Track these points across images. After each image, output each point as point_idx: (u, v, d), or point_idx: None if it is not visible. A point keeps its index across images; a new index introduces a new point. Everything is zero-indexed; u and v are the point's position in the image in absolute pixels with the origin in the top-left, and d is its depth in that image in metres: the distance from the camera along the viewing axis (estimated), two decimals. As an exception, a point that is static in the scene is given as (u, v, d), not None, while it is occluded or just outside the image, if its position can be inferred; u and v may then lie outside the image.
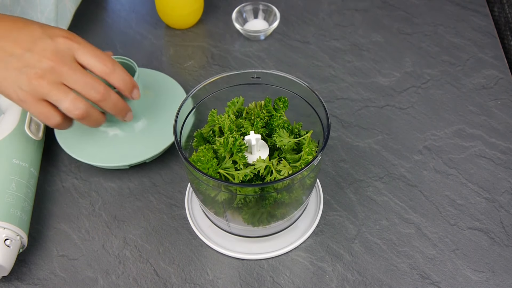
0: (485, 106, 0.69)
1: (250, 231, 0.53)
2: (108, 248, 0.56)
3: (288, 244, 0.55)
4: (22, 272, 0.55)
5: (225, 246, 0.55)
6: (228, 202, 0.48)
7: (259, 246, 0.55)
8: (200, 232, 0.57)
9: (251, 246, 0.55)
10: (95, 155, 0.60)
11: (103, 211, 0.59)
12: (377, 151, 0.64)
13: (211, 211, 0.52)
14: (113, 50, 0.79)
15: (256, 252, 0.55)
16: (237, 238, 0.55)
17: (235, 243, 0.56)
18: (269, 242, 0.55)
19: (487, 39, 0.77)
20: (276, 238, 0.55)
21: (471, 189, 0.60)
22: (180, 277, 0.54)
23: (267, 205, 0.49)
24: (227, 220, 0.52)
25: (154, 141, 0.61)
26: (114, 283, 0.54)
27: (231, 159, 0.48)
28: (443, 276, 0.53)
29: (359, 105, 0.70)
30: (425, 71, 0.74)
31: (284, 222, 0.53)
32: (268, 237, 0.54)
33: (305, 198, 0.53)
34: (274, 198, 0.48)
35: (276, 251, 0.55)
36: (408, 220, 0.58)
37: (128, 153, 0.60)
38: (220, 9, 0.84)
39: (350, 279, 0.53)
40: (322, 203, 0.59)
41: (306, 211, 0.58)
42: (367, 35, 0.79)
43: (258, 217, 0.50)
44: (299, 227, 0.57)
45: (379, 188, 0.60)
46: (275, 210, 0.50)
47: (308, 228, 0.57)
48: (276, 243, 0.55)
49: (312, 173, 0.48)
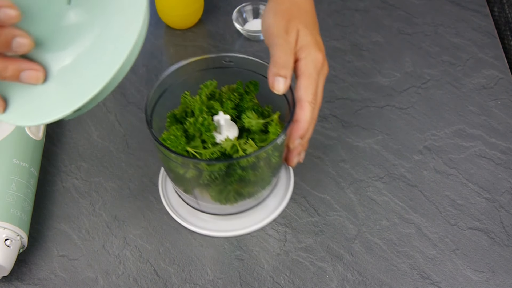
0: (485, 106, 0.69)
1: (219, 209, 0.55)
2: (108, 248, 0.56)
3: (256, 222, 0.57)
4: (22, 272, 0.55)
5: (196, 223, 0.57)
6: (196, 179, 0.50)
7: (228, 223, 0.57)
8: (172, 210, 0.59)
9: (221, 224, 0.57)
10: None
11: (103, 211, 0.59)
12: (377, 151, 0.64)
13: (180, 189, 0.55)
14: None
15: (225, 230, 0.57)
16: (207, 216, 0.57)
17: (205, 221, 0.58)
18: (238, 220, 0.57)
19: (487, 39, 0.77)
20: (245, 216, 0.57)
21: (471, 189, 0.60)
22: (180, 277, 0.54)
23: (233, 182, 0.51)
24: (196, 198, 0.54)
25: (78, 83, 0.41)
26: (114, 283, 0.54)
27: (200, 138, 0.50)
28: (443, 276, 0.53)
29: (359, 105, 0.70)
30: (425, 71, 0.74)
31: (252, 201, 0.55)
32: (237, 215, 0.56)
33: (272, 178, 0.55)
34: (239, 175, 0.49)
35: (244, 228, 0.57)
36: (408, 220, 0.58)
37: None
38: (220, 9, 0.84)
39: (350, 279, 0.53)
40: (292, 184, 0.60)
41: (275, 191, 0.60)
42: (367, 35, 0.79)
43: (225, 194, 0.52)
44: (268, 206, 0.58)
45: (379, 188, 0.60)
46: (241, 188, 0.52)
47: (277, 207, 0.58)
48: (245, 221, 0.57)
49: (276, 151, 0.50)
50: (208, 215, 0.57)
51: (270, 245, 0.56)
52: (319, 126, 0.67)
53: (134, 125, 0.68)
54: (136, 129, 0.68)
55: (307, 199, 0.60)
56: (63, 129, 0.68)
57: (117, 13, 0.39)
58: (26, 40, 0.39)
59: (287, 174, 0.62)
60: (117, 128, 0.68)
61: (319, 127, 0.67)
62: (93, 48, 0.40)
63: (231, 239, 0.57)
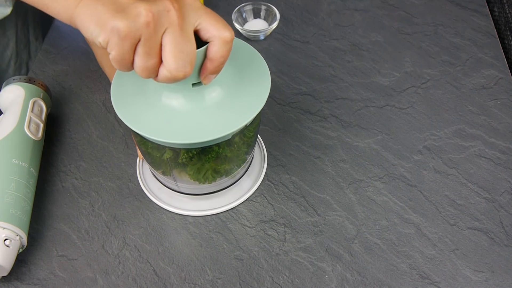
0: (485, 106, 0.69)
1: (197, 189, 0.57)
2: (108, 248, 0.56)
3: (233, 200, 0.59)
4: (22, 272, 0.55)
5: (175, 205, 0.59)
6: (173, 160, 0.51)
7: (207, 203, 0.59)
8: (151, 194, 0.60)
9: (199, 204, 0.59)
10: (156, 128, 0.47)
11: (102, 211, 0.59)
12: (377, 151, 0.64)
13: (159, 171, 0.55)
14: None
15: (204, 209, 0.59)
16: (186, 196, 0.59)
17: (184, 202, 0.59)
18: (216, 199, 0.59)
19: (487, 39, 0.77)
20: (222, 195, 0.59)
21: (471, 189, 0.60)
22: (180, 277, 0.54)
23: (210, 159, 0.51)
24: (175, 180, 0.55)
25: (226, 118, 0.48)
26: (113, 283, 0.54)
27: None
28: (443, 276, 0.53)
29: (359, 105, 0.70)
30: (425, 71, 0.74)
31: (229, 179, 0.57)
32: (214, 194, 0.58)
33: (247, 155, 0.56)
34: (216, 152, 0.50)
35: (222, 207, 0.59)
36: (408, 220, 0.58)
37: (194, 129, 0.47)
38: (220, 9, 0.84)
39: (349, 279, 0.53)
40: (266, 162, 0.63)
41: (250, 170, 0.61)
42: (367, 35, 0.79)
43: (203, 173, 0.53)
44: (243, 185, 0.61)
45: (379, 188, 0.60)
46: (218, 165, 0.53)
47: (252, 186, 0.61)
48: (222, 200, 0.59)
49: (251, 126, 0.51)
50: (187, 196, 0.59)
51: (270, 245, 0.56)
52: (319, 126, 0.67)
53: (134, 125, 0.68)
54: (136, 129, 0.68)
55: (307, 199, 0.60)
56: (62, 129, 0.68)
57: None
58: (167, 74, 0.42)
59: (261, 153, 0.64)
60: (117, 128, 0.68)
61: (319, 127, 0.67)
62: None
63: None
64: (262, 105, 0.48)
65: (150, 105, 0.48)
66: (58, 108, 0.70)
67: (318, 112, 0.69)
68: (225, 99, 0.48)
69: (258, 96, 0.48)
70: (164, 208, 0.59)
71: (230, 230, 0.58)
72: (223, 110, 0.47)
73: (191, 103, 0.47)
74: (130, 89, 0.49)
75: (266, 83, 0.49)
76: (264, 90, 0.49)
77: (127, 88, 0.49)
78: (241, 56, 0.51)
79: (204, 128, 0.46)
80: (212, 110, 0.47)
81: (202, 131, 0.46)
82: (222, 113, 0.47)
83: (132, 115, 0.47)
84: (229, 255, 0.56)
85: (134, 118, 0.47)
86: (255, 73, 0.50)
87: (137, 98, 0.48)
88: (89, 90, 0.73)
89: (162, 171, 0.55)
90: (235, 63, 0.50)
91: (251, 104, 0.48)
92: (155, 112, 0.47)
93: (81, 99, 0.72)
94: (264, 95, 0.48)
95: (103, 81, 0.74)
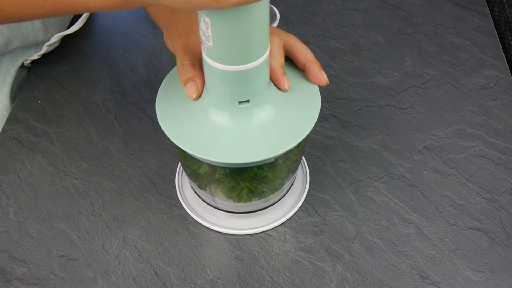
0: (485, 106, 0.69)
1: (235, 207, 0.55)
2: (108, 248, 0.56)
3: (273, 221, 0.58)
4: (22, 272, 0.55)
5: (210, 220, 0.58)
6: (210, 175, 0.50)
7: (244, 222, 0.58)
8: (188, 207, 0.59)
9: (236, 222, 0.58)
10: (197, 144, 0.46)
11: (102, 211, 0.59)
12: (377, 151, 0.64)
13: (195, 184, 0.55)
14: (113, 50, 0.79)
15: (241, 228, 0.57)
16: (223, 213, 0.58)
17: (220, 219, 0.58)
18: (253, 218, 0.58)
19: (487, 39, 0.77)
20: (261, 215, 0.58)
21: (471, 189, 0.60)
22: (180, 277, 0.54)
23: (246, 179, 0.50)
24: (212, 195, 0.54)
25: (273, 139, 0.46)
26: (113, 283, 0.54)
27: None
28: (443, 276, 0.53)
29: (359, 105, 0.70)
30: (425, 71, 0.74)
31: (266, 202, 0.55)
32: (252, 213, 0.57)
33: (287, 179, 0.54)
34: (254, 172, 0.49)
35: (260, 227, 0.57)
36: (408, 220, 0.58)
37: (235, 149, 0.46)
38: (220, 9, 0.84)
39: (350, 279, 0.53)
40: (308, 184, 0.61)
41: (291, 190, 0.60)
42: (367, 35, 0.79)
43: (237, 192, 0.52)
44: (285, 205, 0.59)
45: (379, 188, 0.60)
46: (255, 185, 0.52)
47: (292, 207, 0.59)
48: (260, 220, 0.58)
49: (296, 149, 0.49)
50: (223, 212, 0.57)
51: (270, 245, 0.56)
52: (319, 126, 0.67)
53: (134, 125, 0.68)
54: (136, 129, 0.68)
55: (307, 199, 0.60)
56: (62, 129, 0.68)
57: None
58: (194, 91, 0.45)
59: (303, 174, 0.62)
60: (117, 128, 0.68)
61: (318, 127, 0.67)
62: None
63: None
64: (310, 129, 0.46)
65: (194, 121, 0.46)
66: (58, 108, 0.71)
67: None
68: (271, 121, 0.46)
69: (306, 119, 0.46)
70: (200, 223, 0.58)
71: (230, 230, 0.58)
72: (268, 132, 0.45)
73: (236, 122, 0.45)
74: (176, 103, 0.48)
75: (316, 107, 0.47)
76: (312, 114, 0.47)
77: (173, 101, 0.48)
78: (292, 78, 0.50)
79: (246, 148, 0.45)
80: (256, 131, 0.46)
81: (243, 152, 0.44)
82: (266, 135, 0.45)
83: (174, 128, 0.46)
84: (229, 255, 0.56)
85: (176, 131, 0.46)
86: (305, 95, 0.49)
87: (182, 112, 0.47)
88: (89, 90, 0.73)
89: (198, 184, 0.54)
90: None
91: (300, 126, 0.46)
92: (198, 128, 0.46)
93: (81, 99, 0.72)
94: (313, 119, 0.46)
95: (103, 81, 0.74)
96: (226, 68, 0.41)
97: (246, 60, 0.41)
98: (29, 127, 0.68)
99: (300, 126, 0.46)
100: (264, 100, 0.46)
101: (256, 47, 0.41)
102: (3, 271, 0.55)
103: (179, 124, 0.46)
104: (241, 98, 0.44)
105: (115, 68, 0.76)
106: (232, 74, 0.42)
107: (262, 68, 0.43)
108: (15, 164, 0.64)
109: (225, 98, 0.44)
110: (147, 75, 0.75)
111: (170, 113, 0.47)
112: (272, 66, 0.46)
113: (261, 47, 0.41)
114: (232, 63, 0.41)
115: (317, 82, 0.49)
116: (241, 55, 0.40)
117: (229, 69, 0.41)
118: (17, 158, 0.65)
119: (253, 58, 0.41)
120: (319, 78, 0.48)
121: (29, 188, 0.62)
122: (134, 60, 0.77)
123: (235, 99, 0.44)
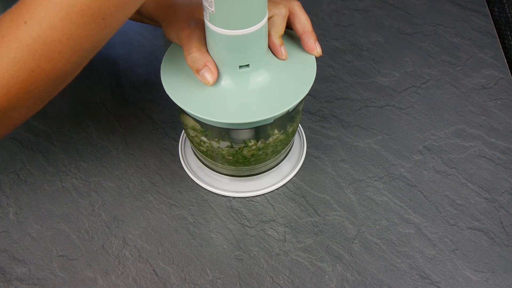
0: (485, 106, 0.69)
1: (237, 171, 0.58)
2: (108, 248, 0.56)
3: (272, 184, 0.61)
4: (22, 272, 0.55)
5: (214, 185, 0.61)
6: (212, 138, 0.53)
7: (244, 185, 0.61)
8: (191, 172, 0.62)
9: (238, 185, 0.61)
10: (200, 106, 0.48)
11: (102, 211, 0.59)
12: (377, 151, 0.64)
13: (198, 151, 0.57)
14: (113, 50, 0.79)
15: (243, 191, 0.60)
16: (224, 177, 0.61)
17: (221, 182, 0.61)
18: (253, 181, 0.61)
19: (487, 39, 0.77)
20: (259, 179, 0.61)
21: (471, 189, 0.60)
22: (180, 277, 0.54)
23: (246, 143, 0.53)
24: (214, 159, 0.57)
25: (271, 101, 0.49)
26: (113, 283, 0.54)
27: None
28: (443, 276, 0.53)
29: (359, 105, 0.70)
30: (425, 71, 0.74)
31: (265, 166, 0.59)
32: (252, 177, 0.60)
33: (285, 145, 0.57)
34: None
35: (259, 190, 0.60)
36: (408, 220, 0.57)
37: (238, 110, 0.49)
38: (220, 9, 0.84)
39: (349, 279, 0.53)
40: (305, 150, 0.64)
41: (289, 156, 0.63)
42: (367, 35, 0.79)
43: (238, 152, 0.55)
44: (283, 170, 0.62)
45: (379, 188, 0.60)
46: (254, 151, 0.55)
47: (290, 172, 0.62)
48: (259, 183, 0.61)
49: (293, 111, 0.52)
50: (225, 176, 0.60)
51: (270, 245, 0.56)
52: (319, 126, 0.67)
53: (134, 125, 0.68)
54: (136, 129, 0.68)
55: (307, 199, 0.60)
56: (62, 128, 0.68)
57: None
58: (210, 77, 0.47)
59: (300, 141, 0.65)
60: (117, 128, 0.68)
61: (318, 127, 0.67)
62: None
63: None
64: (307, 91, 0.49)
65: (197, 84, 0.49)
66: (58, 108, 0.71)
67: (318, 112, 0.69)
68: (269, 84, 0.49)
69: (302, 84, 0.49)
70: (203, 187, 0.61)
71: (230, 230, 0.58)
72: (266, 94, 0.49)
73: (236, 85, 0.48)
74: (180, 68, 0.51)
75: (311, 74, 0.50)
76: (308, 79, 0.50)
77: (176, 68, 0.51)
78: (291, 47, 0.53)
79: (246, 109, 0.48)
80: (255, 93, 0.49)
81: (243, 113, 0.47)
82: (264, 97, 0.48)
83: (178, 91, 0.49)
84: (229, 255, 0.56)
85: (180, 94, 0.49)
86: (302, 63, 0.51)
87: (186, 77, 0.50)
88: (89, 90, 0.73)
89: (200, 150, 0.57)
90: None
91: (296, 90, 0.49)
92: (201, 91, 0.49)
93: (81, 99, 0.72)
94: (308, 84, 0.49)
95: (103, 81, 0.74)
96: (227, 32, 0.44)
97: (245, 24, 0.44)
98: (29, 127, 0.68)
99: (297, 89, 0.49)
100: (263, 65, 0.49)
101: (256, 12, 0.44)
102: (3, 271, 0.55)
103: (183, 88, 0.50)
104: (241, 62, 0.47)
105: (115, 68, 0.76)
106: (233, 38, 0.44)
107: (260, 33, 0.46)
108: (15, 164, 0.64)
109: (226, 62, 0.47)
110: (147, 75, 0.75)
111: (174, 77, 0.51)
112: (272, 36, 0.49)
113: (261, 12, 0.44)
114: (233, 27, 0.44)
115: (312, 53, 0.52)
116: (241, 19, 0.43)
117: (230, 34, 0.44)
118: (17, 158, 0.65)
119: (252, 23, 0.44)
120: (313, 50, 0.52)
121: (29, 188, 0.62)
122: (134, 60, 0.77)
123: (236, 63, 0.47)
